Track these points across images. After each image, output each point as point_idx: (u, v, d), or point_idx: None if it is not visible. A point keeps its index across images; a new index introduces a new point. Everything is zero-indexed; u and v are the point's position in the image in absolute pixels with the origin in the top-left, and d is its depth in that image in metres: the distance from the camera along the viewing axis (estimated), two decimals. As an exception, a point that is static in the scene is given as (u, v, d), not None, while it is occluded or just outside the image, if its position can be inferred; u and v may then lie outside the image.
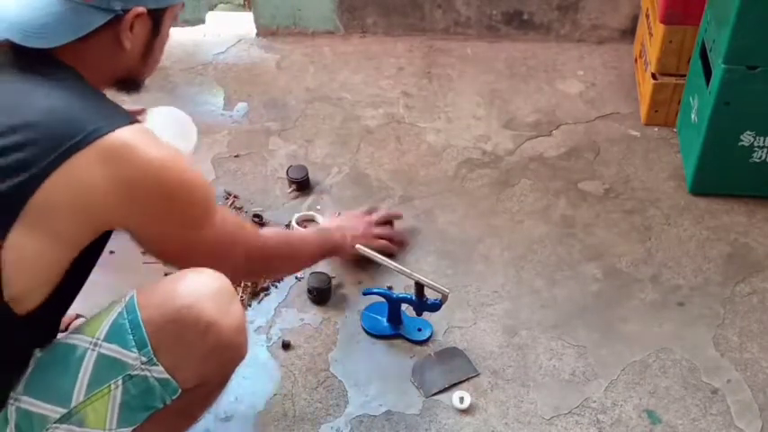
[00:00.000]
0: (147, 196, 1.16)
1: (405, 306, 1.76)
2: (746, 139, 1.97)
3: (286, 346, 1.72)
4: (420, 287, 1.69)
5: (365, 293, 1.77)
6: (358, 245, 1.75)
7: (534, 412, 1.61)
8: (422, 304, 1.71)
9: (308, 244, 1.68)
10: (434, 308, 1.71)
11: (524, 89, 2.46)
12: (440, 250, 1.94)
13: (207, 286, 1.22)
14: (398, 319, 1.75)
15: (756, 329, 1.77)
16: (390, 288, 1.77)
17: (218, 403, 1.59)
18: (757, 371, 1.69)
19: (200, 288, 1.21)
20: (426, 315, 1.75)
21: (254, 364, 1.68)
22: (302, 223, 1.97)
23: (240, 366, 1.63)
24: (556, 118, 2.35)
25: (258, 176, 2.15)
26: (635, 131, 2.30)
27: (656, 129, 2.30)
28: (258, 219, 1.99)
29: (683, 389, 1.65)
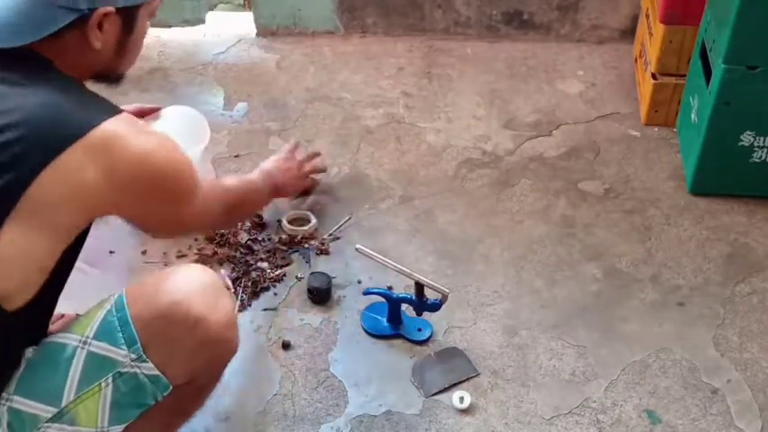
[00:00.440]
0: (138, 183, 1.18)
1: (405, 306, 1.76)
2: (746, 138, 1.97)
3: (286, 345, 1.72)
4: (420, 287, 1.69)
5: (365, 293, 1.77)
6: (358, 245, 1.75)
7: (534, 412, 1.61)
8: (422, 304, 1.71)
9: (260, 188, 1.75)
10: (434, 308, 1.71)
11: (524, 89, 2.46)
12: (440, 250, 1.94)
13: (195, 282, 1.23)
14: (398, 319, 1.75)
15: (756, 329, 1.77)
16: (390, 288, 1.77)
17: (218, 403, 1.59)
18: (757, 371, 1.69)
19: (189, 284, 1.22)
20: (426, 315, 1.75)
21: (254, 363, 1.68)
22: (294, 222, 1.96)
23: (240, 366, 1.65)
24: (556, 118, 2.35)
25: (258, 176, 2.15)
26: (635, 131, 2.30)
27: (656, 129, 2.30)
28: (258, 218, 1.99)
29: (683, 389, 1.65)
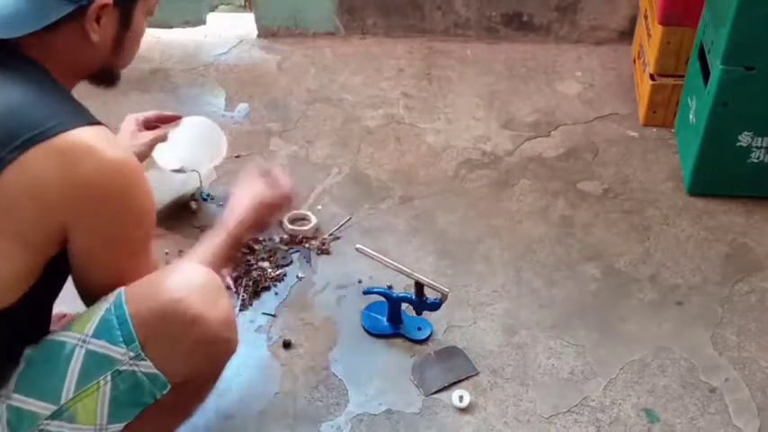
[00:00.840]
0: (94, 196, 1.13)
1: (405, 305, 1.76)
2: (744, 139, 1.98)
3: (287, 345, 1.73)
4: (420, 287, 1.70)
5: (365, 293, 1.78)
6: (358, 245, 1.75)
7: (533, 411, 1.61)
8: (422, 304, 1.72)
9: (217, 256, 1.46)
10: (434, 307, 1.72)
11: (523, 90, 2.47)
12: (440, 250, 1.95)
13: (194, 280, 1.22)
14: (398, 318, 1.75)
15: (754, 328, 1.77)
16: (390, 287, 1.77)
17: (220, 402, 1.60)
18: (755, 370, 1.69)
19: (187, 282, 1.21)
20: (426, 314, 1.76)
21: (254, 363, 1.69)
22: (294, 222, 1.97)
23: (241, 365, 1.65)
24: (555, 119, 2.36)
25: (259, 177, 2.15)
26: (633, 132, 2.31)
27: (655, 129, 2.31)
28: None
29: (681, 388, 1.66)
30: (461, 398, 1.61)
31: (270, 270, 1.87)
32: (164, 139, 1.76)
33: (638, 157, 2.22)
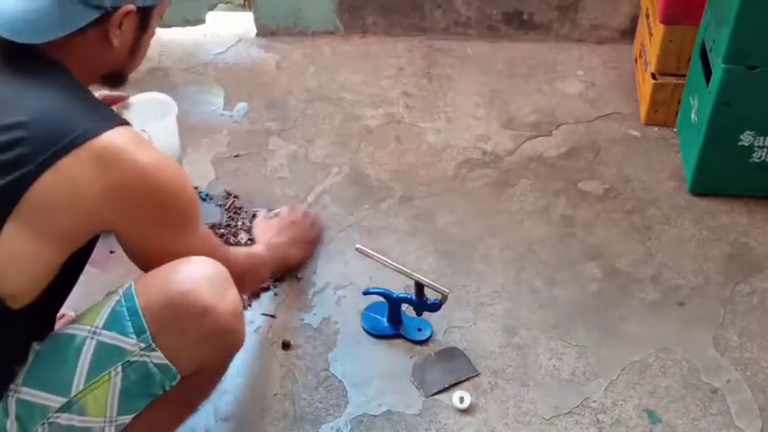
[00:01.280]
0: (137, 199, 1.17)
1: (405, 306, 1.76)
2: (746, 138, 1.97)
3: (286, 345, 1.72)
4: (420, 287, 1.69)
5: (365, 293, 1.77)
6: (358, 245, 1.75)
7: (534, 412, 1.61)
8: (422, 304, 1.71)
9: (266, 266, 1.69)
10: (434, 308, 1.71)
11: (524, 89, 2.46)
12: (440, 250, 1.94)
13: (203, 272, 1.23)
14: (398, 319, 1.75)
15: (756, 329, 1.77)
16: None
17: (219, 403, 1.59)
18: (757, 371, 1.69)
19: (197, 274, 1.23)
20: (426, 315, 1.75)
21: (254, 363, 1.68)
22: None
23: (240, 366, 1.65)
24: (556, 118, 2.35)
25: (258, 176, 2.15)
26: (635, 131, 2.30)
27: (656, 129, 2.30)
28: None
29: (682, 388, 1.65)
30: (462, 399, 1.61)
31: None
32: None
33: (639, 156, 2.22)
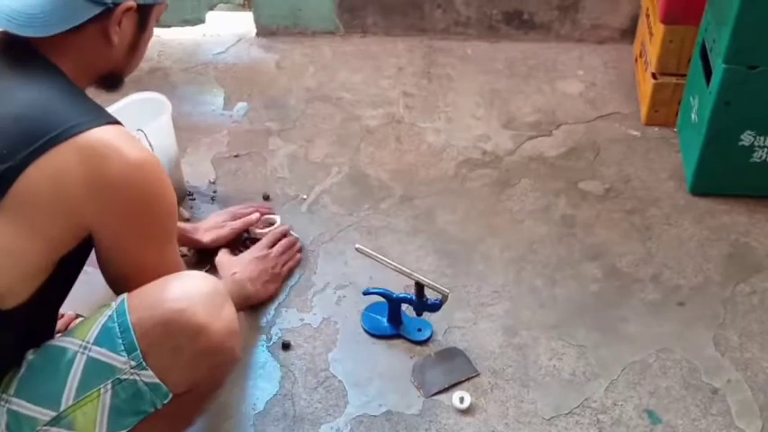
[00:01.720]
0: (120, 194, 1.15)
1: (405, 306, 1.75)
2: (747, 138, 1.97)
3: (286, 346, 1.72)
4: (420, 287, 1.69)
5: (365, 293, 1.77)
6: (358, 245, 1.74)
7: (534, 412, 1.60)
8: (422, 304, 1.71)
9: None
10: (434, 308, 1.71)
11: (524, 89, 2.46)
12: (440, 250, 1.94)
13: (198, 289, 1.21)
14: (398, 319, 1.74)
15: (757, 329, 1.76)
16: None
17: (218, 403, 1.59)
18: (758, 371, 1.68)
19: (191, 291, 1.20)
20: (426, 315, 1.75)
21: (253, 364, 1.68)
22: (264, 227, 1.93)
23: (240, 366, 1.65)
24: (556, 118, 2.35)
25: (258, 176, 2.15)
26: (635, 131, 2.30)
27: (657, 128, 2.30)
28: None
29: (683, 389, 1.65)
30: (462, 399, 1.60)
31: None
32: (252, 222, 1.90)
33: (639, 156, 2.21)
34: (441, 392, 1.63)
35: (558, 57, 2.58)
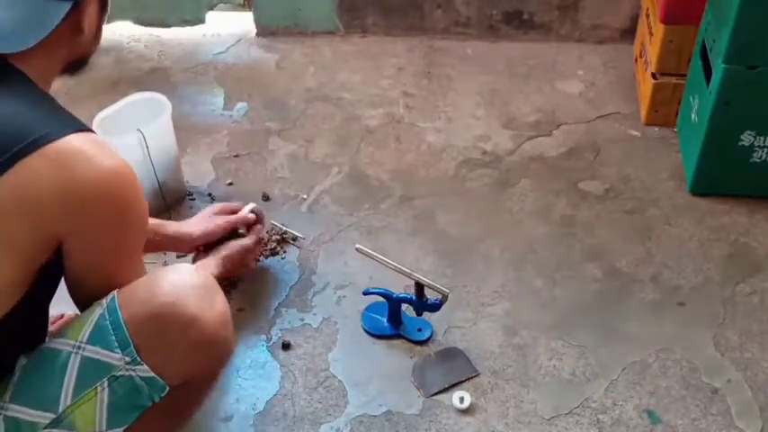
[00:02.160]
0: (92, 205, 1.12)
1: (405, 306, 1.75)
2: (747, 138, 1.97)
3: (286, 346, 1.72)
4: (420, 287, 1.69)
5: (365, 293, 1.77)
6: (358, 245, 1.74)
7: (534, 412, 1.60)
8: (422, 304, 1.71)
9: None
10: (434, 308, 1.71)
11: (524, 89, 2.46)
12: (440, 250, 1.94)
13: (188, 281, 1.22)
14: (398, 319, 1.74)
15: (757, 329, 1.76)
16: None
17: (218, 403, 1.59)
18: (758, 371, 1.68)
19: (182, 283, 1.21)
20: (426, 315, 1.75)
21: (253, 364, 1.68)
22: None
23: (240, 366, 1.65)
24: (556, 118, 2.35)
25: (258, 176, 2.15)
26: (635, 131, 2.30)
27: (657, 128, 2.30)
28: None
29: (683, 389, 1.65)
30: (462, 399, 1.60)
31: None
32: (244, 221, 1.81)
33: (639, 156, 2.21)
34: (441, 392, 1.63)
35: (558, 57, 2.58)
